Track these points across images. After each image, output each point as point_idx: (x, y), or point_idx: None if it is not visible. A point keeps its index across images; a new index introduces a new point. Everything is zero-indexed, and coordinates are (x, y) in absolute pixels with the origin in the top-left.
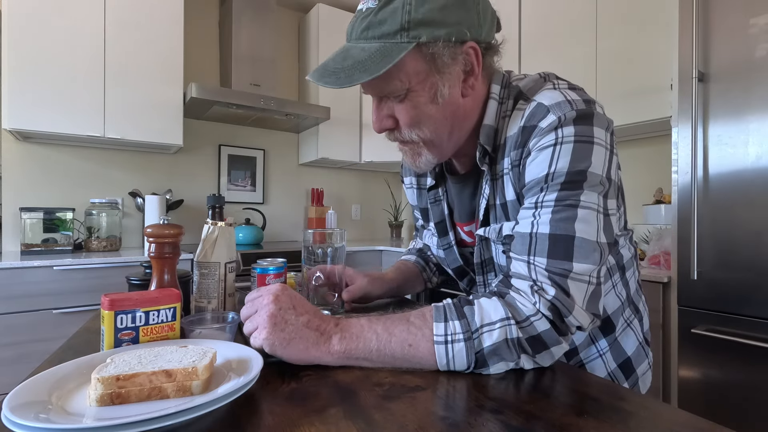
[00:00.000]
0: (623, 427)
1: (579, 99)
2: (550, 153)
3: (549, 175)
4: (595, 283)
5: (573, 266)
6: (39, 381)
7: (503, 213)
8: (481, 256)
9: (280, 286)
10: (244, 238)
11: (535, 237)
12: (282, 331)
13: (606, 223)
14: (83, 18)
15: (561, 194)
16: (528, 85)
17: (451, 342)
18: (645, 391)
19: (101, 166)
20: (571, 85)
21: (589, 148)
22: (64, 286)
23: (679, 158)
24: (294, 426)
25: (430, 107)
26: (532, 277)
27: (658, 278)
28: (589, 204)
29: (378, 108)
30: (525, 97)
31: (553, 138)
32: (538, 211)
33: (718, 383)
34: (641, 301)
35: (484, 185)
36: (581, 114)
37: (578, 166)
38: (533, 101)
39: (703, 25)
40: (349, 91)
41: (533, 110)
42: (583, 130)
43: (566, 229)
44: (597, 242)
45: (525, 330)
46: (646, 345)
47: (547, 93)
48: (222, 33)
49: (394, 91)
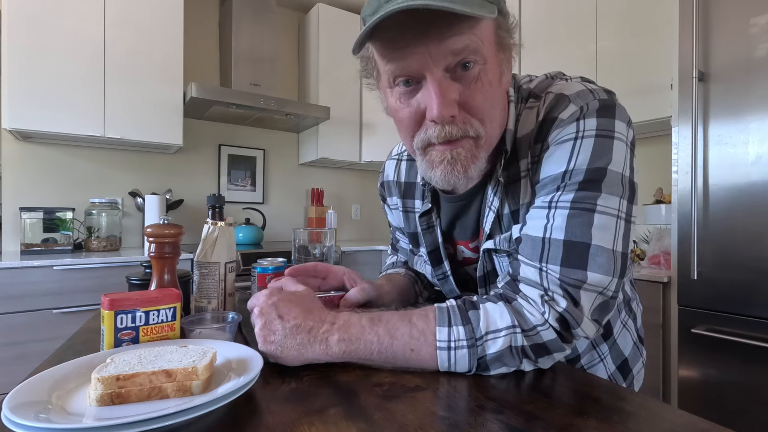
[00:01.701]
0: (623, 427)
1: (599, 89)
2: (569, 148)
3: (567, 173)
4: (609, 296)
5: (587, 276)
6: (39, 381)
7: (512, 220)
8: (483, 269)
9: (267, 295)
10: (244, 238)
11: (548, 242)
12: (272, 343)
13: (626, 230)
14: (83, 18)
15: (578, 195)
16: (537, 85)
17: (454, 348)
18: (638, 388)
19: (101, 166)
20: (585, 78)
21: (610, 143)
22: (64, 286)
23: (679, 158)
24: (294, 426)
25: (498, 90)
26: (543, 285)
27: (658, 278)
28: (607, 209)
29: (443, 85)
30: (536, 95)
31: (573, 130)
32: (552, 212)
33: (718, 383)
34: (635, 300)
35: (491, 195)
36: (604, 104)
37: (597, 162)
38: (549, 93)
39: (703, 25)
40: (350, 91)
41: (553, 101)
42: (605, 123)
43: (582, 235)
44: (613, 251)
45: (530, 338)
46: (640, 343)
47: (565, 85)
48: (222, 33)
49: (477, 50)
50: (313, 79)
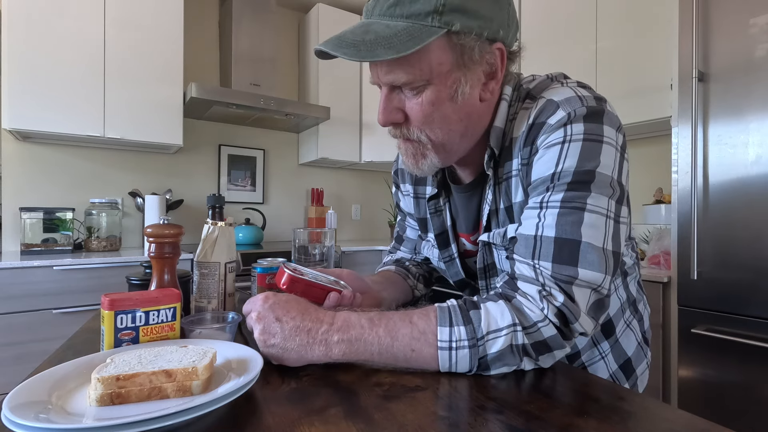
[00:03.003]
0: (623, 427)
1: (590, 96)
2: (557, 151)
3: (555, 175)
4: (604, 294)
5: (578, 272)
6: (39, 381)
7: (507, 217)
8: (483, 261)
9: (263, 299)
10: (244, 238)
11: (540, 240)
12: (273, 346)
13: (615, 230)
14: (83, 18)
15: (567, 195)
16: (536, 86)
17: (455, 348)
18: (642, 389)
19: (101, 166)
20: (581, 83)
21: (598, 147)
22: (64, 286)
23: (679, 158)
24: (294, 426)
25: (447, 106)
26: (539, 281)
27: (658, 278)
28: (597, 208)
29: (387, 98)
30: (532, 97)
31: (561, 135)
32: (543, 212)
33: (718, 383)
34: (642, 302)
35: (488, 190)
36: (591, 111)
37: (586, 165)
38: (542, 98)
39: (703, 25)
40: (350, 91)
41: (542, 107)
42: (593, 128)
43: (573, 233)
44: (603, 249)
45: (531, 336)
46: (645, 345)
47: (557, 89)
48: (222, 33)
49: (412, 81)
50: (313, 79)
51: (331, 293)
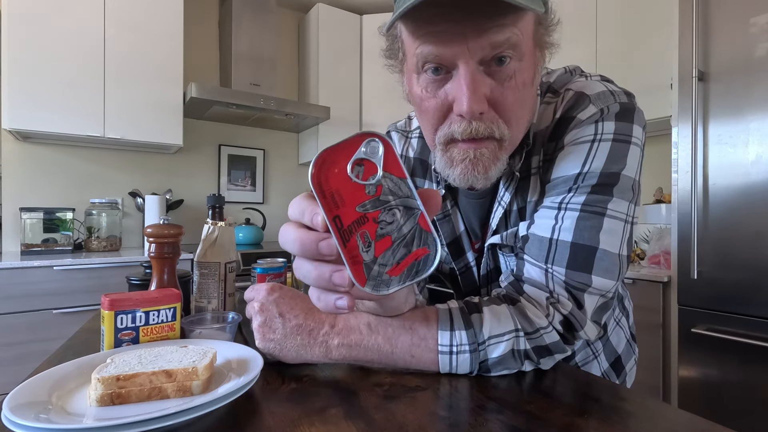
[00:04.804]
0: (623, 427)
1: (620, 91)
2: (586, 150)
3: (581, 175)
4: (609, 297)
5: (592, 280)
6: (39, 381)
7: (519, 218)
8: (487, 267)
9: (268, 290)
10: (244, 238)
11: (555, 243)
12: (271, 341)
13: (630, 234)
14: (83, 18)
15: (590, 198)
16: (556, 80)
17: (456, 353)
18: (630, 384)
19: (101, 166)
20: (604, 77)
21: (626, 148)
22: (64, 286)
23: (679, 158)
24: (294, 426)
25: (530, 91)
26: (548, 287)
27: (658, 278)
28: (617, 213)
29: (475, 80)
30: (554, 90)
31: (591, 132)
32: (561, 213)
33: (718, 382)
34: (626, 298)
35: (503, 191)
36: (624, 108)
37: (612, 168)
38: (568, 91)
39: (703, 25)
40: (350, 91)
41: (572, 100)
42: (624, 128)
43: (590, 239)
44: (618, 255)
45: (534, 341)
46: (633, 341)
47: (585, 83)
48: (222, 33)
49: (513, 47)
50: (313, 79)
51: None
